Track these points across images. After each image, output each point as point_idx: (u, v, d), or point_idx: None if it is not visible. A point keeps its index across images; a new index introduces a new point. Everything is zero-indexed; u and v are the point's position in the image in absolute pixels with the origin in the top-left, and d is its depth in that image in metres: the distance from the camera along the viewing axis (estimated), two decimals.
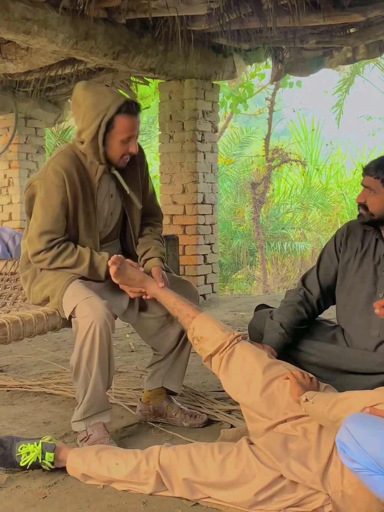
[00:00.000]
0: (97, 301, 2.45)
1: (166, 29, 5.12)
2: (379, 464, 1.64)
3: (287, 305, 2.70)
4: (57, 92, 7.10)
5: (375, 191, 2.53)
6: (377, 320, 2.51)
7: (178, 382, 2.81)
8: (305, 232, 12.65)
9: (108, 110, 2.47)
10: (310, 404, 2.02)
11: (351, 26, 5.44)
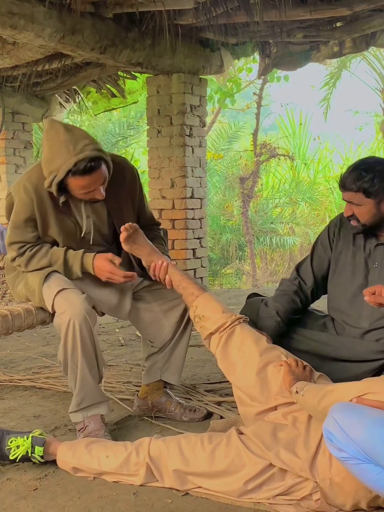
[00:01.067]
0: (74, 295, 2.46)
1: (153, 23, 5.11)
2: (365, 453, 1.66)
3: (282, 294, 2.73)
4: (44, 87, 7.06)
5: (359, 203, 2.50)
6: (367, 311, 2.54)
7: (176, 374, 2.81)
8: (293, 227, 12.70)
9: (58, 172, 2.41)
10: (300, 396, 2.05)
11: (338, 20, 5.45)
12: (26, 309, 2.49)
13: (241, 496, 1.99)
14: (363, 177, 2.45)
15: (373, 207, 2.49)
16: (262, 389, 2.23)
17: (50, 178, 2.45)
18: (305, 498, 1.93)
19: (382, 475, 1.67)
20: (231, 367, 2.34)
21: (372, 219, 2.53)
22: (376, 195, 2.47)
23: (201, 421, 2.74)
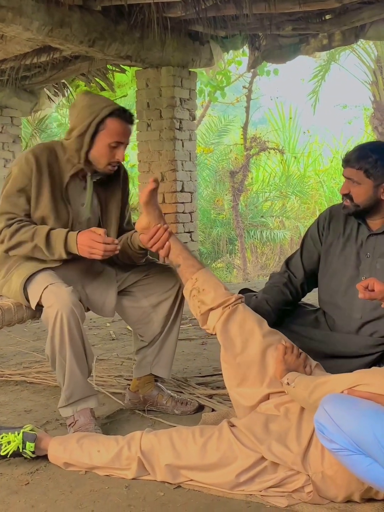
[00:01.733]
0: (62, 289, 2.43)
1: (142, 16, 5.10)
2: (356, 444, 1.67)
3: (272, 286, 2.74)
4: (33, 80, 7.03)
5: (358, 182, 2.51)
6: (359, 302, 2.54)
7: (166, 368, 2.80)
8: (283, 220, 12.72)
9: (101, 111, 2.48)
10: (292, 388, 2.05)
11: (327, 13, 5.46)
12: (16, 303, 2.48)
13: (233, 489, 2.00)
14: (368, 157, 2.47)
15: (370, 188, 2.49)
16: (260, 370, 2.23)
17: (89, 119, 2.47)
18: (297, 490, 1.94)
19: (373, 466, 1.67)
20: (230, 342, 2.30)
21: (367, 201, 2.52)
22: (376, 177, 2.47)
23: (193, 414, 2.74)
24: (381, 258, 2.56)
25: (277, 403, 2.16)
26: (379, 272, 2.54)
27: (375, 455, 1.65)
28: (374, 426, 1.64)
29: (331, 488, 1.90)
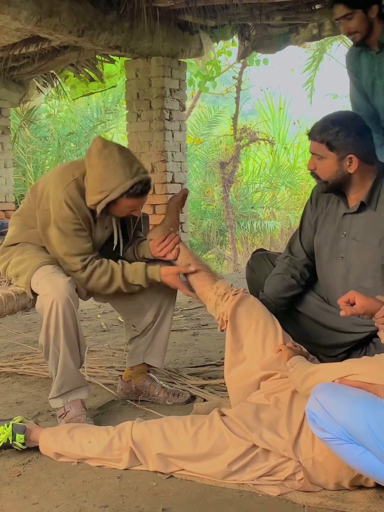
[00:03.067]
0: (59, 278, 2.44)
1: (131, 6, 5.05)
2: (348, 433, 1.68)
3: (273, 275, 2.72)
4: (22, 71, 6.96)
5: (322, 156, 2.42)
6: (339, 281, 2.54)
7: (159, 357, 2.81)
8: (274, 211, 12.72)
9: (111, 192, 2.46)
10: (290, 372, 2.06)
11: (317, 2, 5.43)
12: (6, 294, 2.47)
13: (225, 478, 2.00)
14: (329, 129, 2.38)
15: (335, 162, 2.40)
16: (259, 350, 2.29)
17: (100, 196, 2.47)
18: (288, 478, 1.95)
19: (365, 454, 1.69)
20: (237, 326, 2.36)
21: (333, 176, 2.43)
22: (339, 150, 2.38)
23: (185, 405, 2.74)
24: (354, 240, 2.50)
25: (267, 393, 2.18)
26: (354, 253, 2.50)
27: (367, 443, 1.66)
28: (366, 415, 1.65)
29: (321, 475, 1.92)
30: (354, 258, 2.50)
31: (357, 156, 2.38)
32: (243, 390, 2.26)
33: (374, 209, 2.45)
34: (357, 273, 2.50)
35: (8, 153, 7.50)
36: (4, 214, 7.37)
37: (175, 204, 2.75)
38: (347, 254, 2.52)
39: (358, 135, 2.39)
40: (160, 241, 2.63)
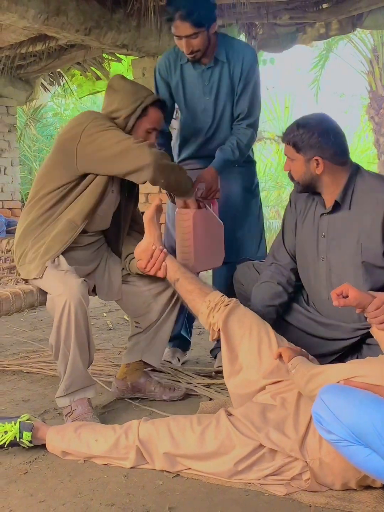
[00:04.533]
0: (72, 278, 2.44)
1: (139, 5, 5.05)
2: (355, 434, 1.67)
3: (259, 284, 2.70)
4: (28, 69, 6.99)
5: (291, 158, 2.45)
6: (323, 283, 2.54)
7: (157, 356, 2.82)
8: (279, 210, 12.71)
9: (145, 99, 2.62)
10: (292, 374, 2.06)
11: (324, 2, 5.43)
12: (14, 292, 2.48)
13: (232, 477, 2.01)
14: (295, 131, 2.42)
15: (302, 164, 2.44)
16: (256, 359, 2.28)
17: (135, 105, 2.60)
18: (295, 478, 1.95)
19: (371, 456, 1.68)
20: (231, 335, 2.36)
21: (302, 177, 2.47)
22: (305, 151, 2.41)
23: (186, 402, 2.76)
24: (333, 240, 2.51)
25: (273, 393, 2.18)
26: (334, 253, 2.51)
27: (374, 445, 1.66)
28: (373, 416, 1.65)
29: (328, 475, 1.91)
30: (335, 258, 2.51)
31: (323, 158, 2.41)
32: (246, 397, 2.26)
33: (349, 208, 2.47)
34: (338, 272, 2.50)
35: (14, 151, 7.53)
36: (10, 212, 7.39)
37: (150, 218, 2.63)
38: (328, 255, 2.53)
39: (322, 137, 2.40)
40: (146, 261, 2.60)
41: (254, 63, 3.08)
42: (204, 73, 3.06)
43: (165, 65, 3.12)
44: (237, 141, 3.05)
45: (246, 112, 3.07)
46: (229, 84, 3.05)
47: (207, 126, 3.13)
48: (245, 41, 5.90)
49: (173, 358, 3.31)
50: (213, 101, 3.09)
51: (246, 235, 3.16)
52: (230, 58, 3.03)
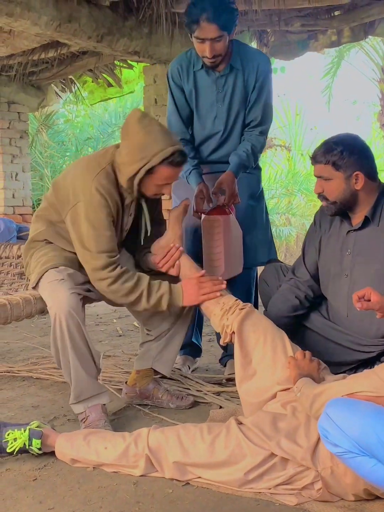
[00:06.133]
0: (61, 290, 2.41)
1: (151, 12, 5.09)
2: (360, 446, 1.67)
3: (276, 295, 2.75)
4: (40, 76, 7.04)
5: (329, 177, 2.46)
6: (344, 299, 2.55)
7: (168, 365, 2.81)
8: (289, 217, 12.69)
9: (153, 158, 2.41)
10: (298, 397, 2.05)
11: (336, 9, 5.44)
12: (24, 298, 2.48)
13: (242, 486, 1.99)
14: (333, 149, 2.43)
15: (342, 181, 2.45)
16: (271, 365, 2.29)
17: (139, 164, 2.42)
18: (307, 487, 1.93)
19: (377, 466, 1.68)
20: (245, 340, 2.36)
21: (341, 195, 2.47)
22: (345, 168, 2.43)
23: (196, 410, 2.74)
24: (359, 255, 2.53)
25: (283, 402, 2.16)
26: (358, 270, 2.52)
27: (379, 456, 1.66)
28: (377, 427, 1.65)
29: (340, 485, 1.90)
30: (359, 274, 2.51)
31: (362, 173, 2.44)
32: (257, 406, 2.26)
33: (377, 225, 2.50)
34: (361, 288, 2.49)
35: (26, 158, 7.56)
36: (21, 218, 7.41)
37: (176, 216, 2.67)
38: (352, 271, 2.54)
39: (361, 153, 2.46)
40: (161, 257, 2.60)
41: (268, 71, 3.08)
42: (218, 80, 3.05)
43: (178, 71, 3.09)
44: (251, 147, 3.06)
45: (260, 119, 3.08)
46: (243, 92, 3.05)
47: (220, 133, 3.12)
48: (258, 49, 5.92)
49: (183, 366, 3.29)
50: (226, 108, 3.08)
51: (255, 241, 3.15)
52: (245, 65, 3.02)
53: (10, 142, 7.32)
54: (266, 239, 3.28)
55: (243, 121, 3.11)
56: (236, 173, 2.98)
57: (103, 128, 11.62)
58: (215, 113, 3.09)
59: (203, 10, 2.77)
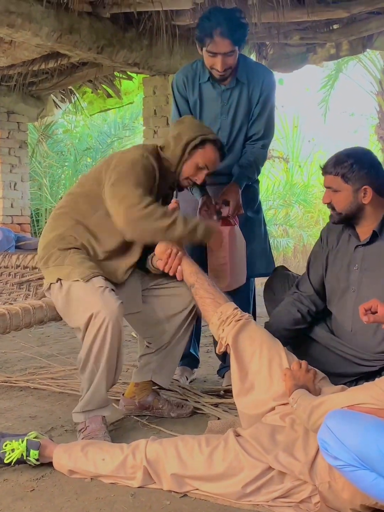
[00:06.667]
0: (111, 297, 2.41)
1: (151, 24, 5.12)
2: (360, 459, 1.66)
3: (279, 310, 2.75)
4: (40, 86, 7.06)
5: (337, 189, 2.48)
6: (349, 314, 2.56)
7: (167, 377, 2.81)
8: (287, 229, 12.72)
9: (208, 134, 2.66)
10: (294, 409, 2.04)
11: (335, 22, 5.48)
12: (23, 308, 2.48)
13: (240, 499, 1.98)
14: (343, 162, 2.45)
15: (350, 194, 2.46)
16: (266, 378, 2.28)
17: (198, 133, 2.64)
18: (304, 501, 1.92)
19: (378, 480, 1.66)
20: (241, 353, 2.35)
21: (348, 207, 2.49)
22: (354, 181, 2.44)
23: (194, 421, 2.74)
24: (367, 270, 2.53)
25: (282, 414, 2.16)
26: (365, 285, 2.53)
27: (380, 469, 1.64)
28: (378, 440, 1.64)
29: (337, 498, 1.89)
30: (366, 289, 2.52)
31: (371, 187, 2.45)
32: (255, 418, 2.25)
33: None
34: None
35: (25, 167, 7.58)
36: (20, 228, 7.41)
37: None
38: (359, 286, 2.55)
39: (371, 168, 2.47)
40: (164, 263, 2.59)
41: (273, 86, 3.12)
42: (223, 93, 3.08)
43: (183, 82, 3.12)
44: (254, 159, 3.10)
45: (262, 133, 3.12)
46: (247, 105, 3.08)
47: None
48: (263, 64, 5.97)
49: (181, 377, 3.29)
50: (230, 121, 3.11)
51: (253, 253, 3.16)
52: (250, 79, 3.06)
53: (9, 152, 7.34)
54: (264, 251, 3.29)
55: (245, 134, 3.14)
56: (241, 185, 3.01)
57: (102, 138, 11.66)
58: (219, 125, 3.12)
59: (218, 24, 2.80)
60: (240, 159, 3.11)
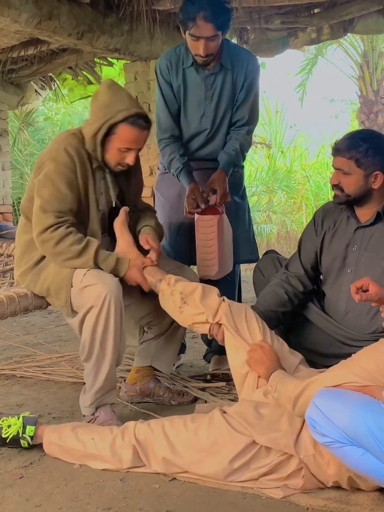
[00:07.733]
0: (110, 276, 2.39)
1: (131, 9, 5.06)
2: (348, 435, 1.69)
3: (267, 291, 2.73)
4: (20, 74, 6.97)
5: (349, 172, 2.47)
6: (344, 295, 2.56)
7: (167, 363, 2.82)
8: (270, 215, 12.72)
9: (116, 115, 2.43)
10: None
11: (316, 6, 5.45)
12: (8, 296, 2.46)
13: (228, 477, 2.00)
14: (359, 146, 2.43)
15: (361, 178, 2.46)
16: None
17: (102, 121, 2.44)
18: (292, 476, 1.95)
19: (365, 456, 1.70)
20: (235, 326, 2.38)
21: (358, 191, 2.49)
22: (367, 166, 2.44)
23: (187, 406, 2.74)
24: (366, 251, 2.54)
25: (266, 391, 2.17)
26: (363, 266, 2.54)
27: (367, 445, 1.67)
28: (366, 416, 1.67)
29: (322, 472, 1.92)
30: (365, 270, 2.52)
31: (383, 173, 2.45)
32: None
33: None
34: None
35: (6, 156, 7.50)
36: (2, 217, 7.35)
37: (120, 225, 2.60)
38: (357, 267, 2.55)
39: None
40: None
41: (257, 71, 3.11)
42: (207, 78, 3.05)
43: (167, 67, 3.09)
44: (240, 145, 3.08)
45: (247, 119, 3.11)
46: (231, 91, 3.06)
47: (206, 131, 3.13)
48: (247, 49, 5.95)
49: None
50: (214, 107, 3.09)
51: (238, 239, 3.16)
52: (234, 64, 3.04)
53: None
54: (248, 237, 3.30)
55: (229, 119, 3.12)
56: (227, 172, 3.00)
57: None
58: (202, 111, 3.10)
59: (201, 8, 2.77)
60: (226, 146, 3.10)
